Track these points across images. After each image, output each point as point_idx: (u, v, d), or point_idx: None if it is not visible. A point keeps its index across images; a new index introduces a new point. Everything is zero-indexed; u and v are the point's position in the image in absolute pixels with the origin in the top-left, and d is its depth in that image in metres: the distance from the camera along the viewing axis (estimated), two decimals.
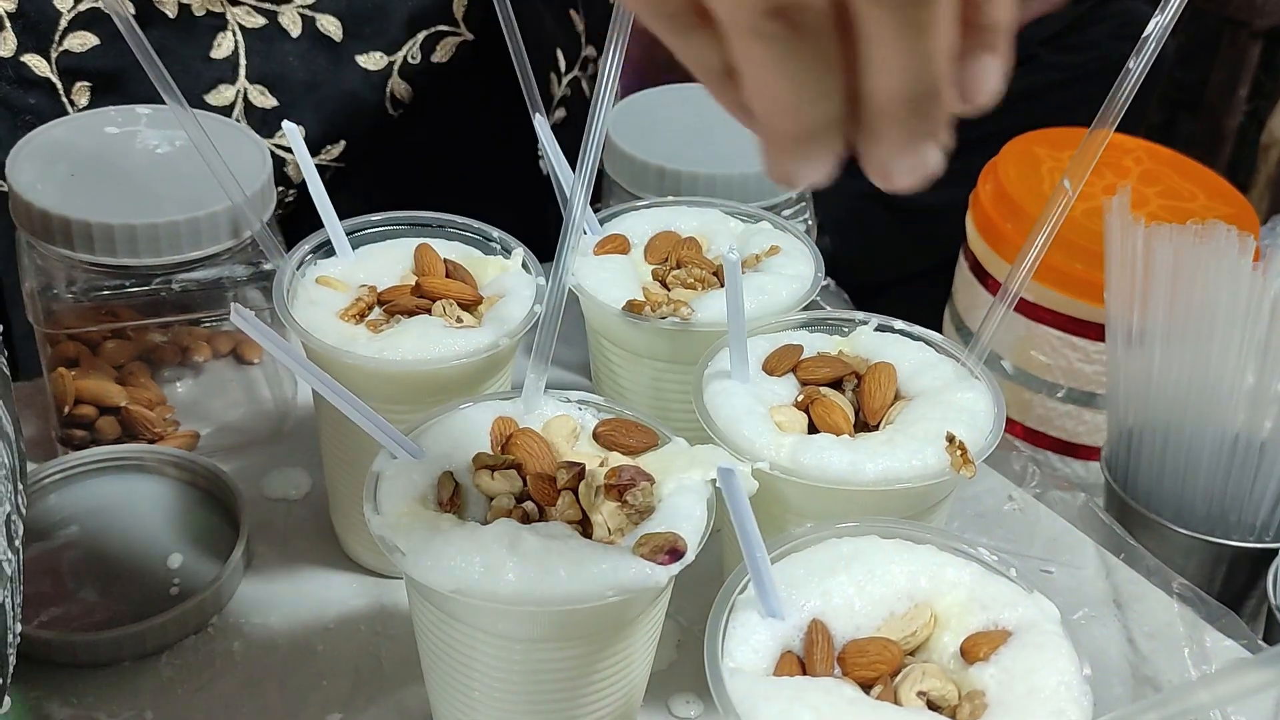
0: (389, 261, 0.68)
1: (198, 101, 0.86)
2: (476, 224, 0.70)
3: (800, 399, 0.60)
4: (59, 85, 0.84)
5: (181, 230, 0.69)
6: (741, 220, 0.75)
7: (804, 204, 0.84)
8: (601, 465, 0.55)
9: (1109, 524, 0.76)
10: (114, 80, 0.84)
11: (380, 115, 0.91)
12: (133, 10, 0.83)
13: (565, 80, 1.04)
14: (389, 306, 0.65)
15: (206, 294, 0.72)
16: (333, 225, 0.67)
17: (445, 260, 0.68)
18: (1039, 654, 0.46)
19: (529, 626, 0.51)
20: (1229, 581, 0.82)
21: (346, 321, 0.64)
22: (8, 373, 0.63)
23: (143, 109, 0.75)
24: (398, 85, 0.90)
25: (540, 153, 0.71)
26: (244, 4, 0.85)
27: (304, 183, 0.89)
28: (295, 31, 0.87)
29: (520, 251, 0.69)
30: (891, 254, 1.85)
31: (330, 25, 0.88)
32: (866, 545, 0.51)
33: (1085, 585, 0.73)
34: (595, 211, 0.74)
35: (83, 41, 0.83)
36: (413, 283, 0.67)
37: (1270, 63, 2.22)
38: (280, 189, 0.89)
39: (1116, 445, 0.86)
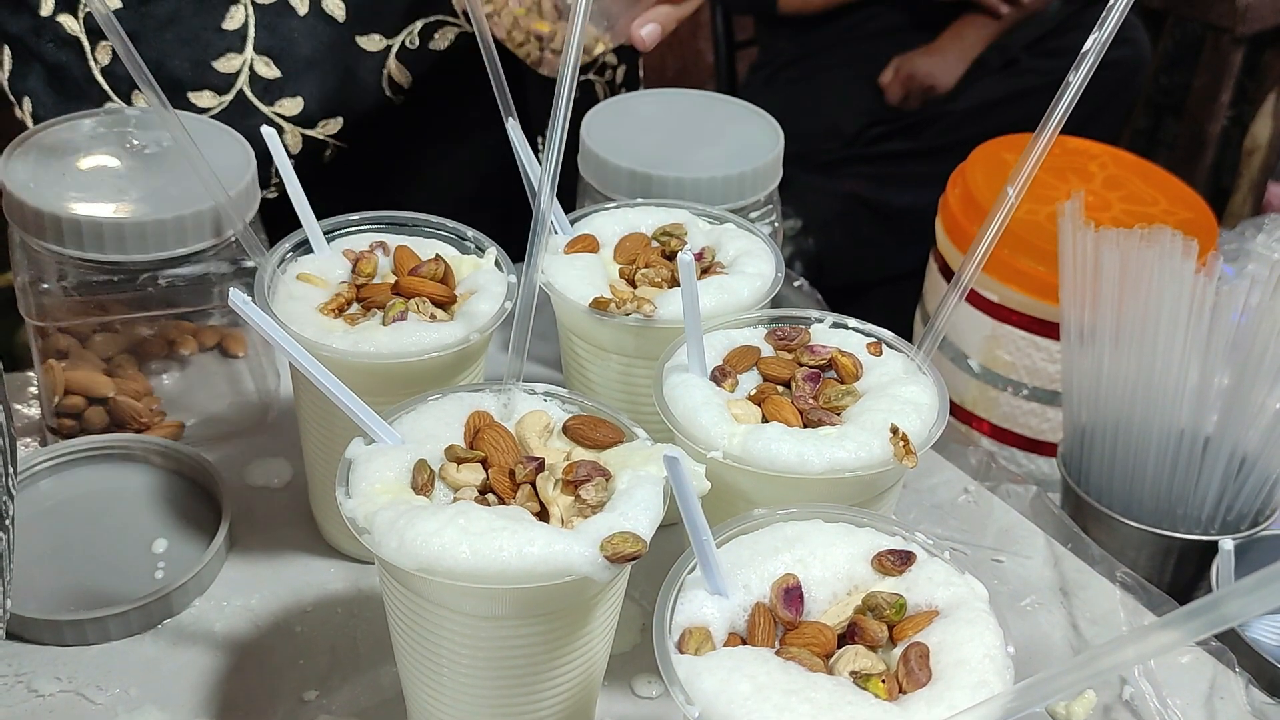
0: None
1: (206, 68, 0.90)
2: (452, 223, 0.73)
3: (753, 394, 0.63)
4: (85, 44, 0.87)
5: (168, 228, 0.72)
6: (708, 221, 0.77)
7: (771, 206, 0.87)
8: (567, 459, 0.58)
9: (1059, 515, 0.79)
10: (132, 40, 0.88)
11: (378, 97, 0.95)
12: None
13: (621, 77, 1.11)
14: (367, 302, 0.68)
15: (192, 289, 0.75)
16: (310, 224, 0.70)
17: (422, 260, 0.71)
18: (967, 629, 0.49)
19: (490, 604, 0.54)
20: (1178, 573, 0.85)
21: (325, 315, 0.67)
22: None
23: (132, 111, 0.78)
24: (394, 69, 0.94)
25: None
26: None
27: (299, 154, 0.92)
28: (302, 10, 0.91)
29: (493, 250, 0.72)
30: (874, 255, 1.88)
31: (335, 6, 0.91)
32: (810, 529, 0.54)
33: (1033, 574, 0.75)
34: (567, 212, 0.76)
35: (108, 2, 0.86)
36: (391, 280, 0.69)
37: (1253, 68, 2.25)
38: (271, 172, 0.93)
39: (1071, 442, 0.88)
